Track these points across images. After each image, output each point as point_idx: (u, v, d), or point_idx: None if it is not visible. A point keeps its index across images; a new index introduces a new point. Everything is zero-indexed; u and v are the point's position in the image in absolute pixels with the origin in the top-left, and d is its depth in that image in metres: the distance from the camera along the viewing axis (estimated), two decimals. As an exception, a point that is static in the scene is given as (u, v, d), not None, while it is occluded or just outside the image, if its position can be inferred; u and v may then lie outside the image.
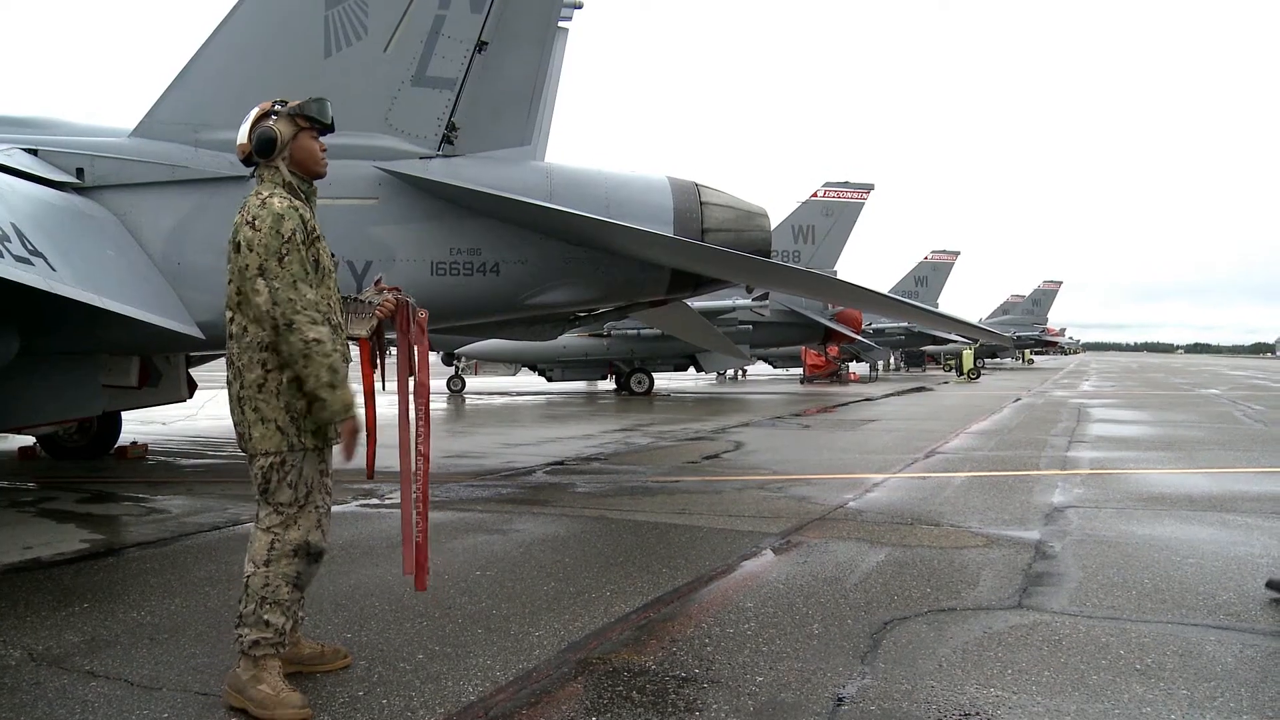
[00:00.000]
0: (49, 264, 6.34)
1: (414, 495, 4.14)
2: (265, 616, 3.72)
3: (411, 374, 4.24)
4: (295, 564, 3.80)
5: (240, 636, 3.73)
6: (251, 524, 3.87)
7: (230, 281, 3.80)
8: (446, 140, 8.39)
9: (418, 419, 4.17)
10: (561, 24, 10.70)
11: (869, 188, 35.26)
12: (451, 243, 8.36)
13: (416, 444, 4.14)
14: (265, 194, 3.83)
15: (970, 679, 4.02)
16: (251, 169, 4.02)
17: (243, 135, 3.95)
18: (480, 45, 8.34)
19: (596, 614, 4.94)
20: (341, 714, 3.63)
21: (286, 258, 3.68)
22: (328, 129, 4.05)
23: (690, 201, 8.87)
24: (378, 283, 4.34)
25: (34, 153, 7.85)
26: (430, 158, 8.32)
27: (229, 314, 3.84)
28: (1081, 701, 3.77)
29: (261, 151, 3.92)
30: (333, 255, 4.09)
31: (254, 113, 3.97)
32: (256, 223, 3.71)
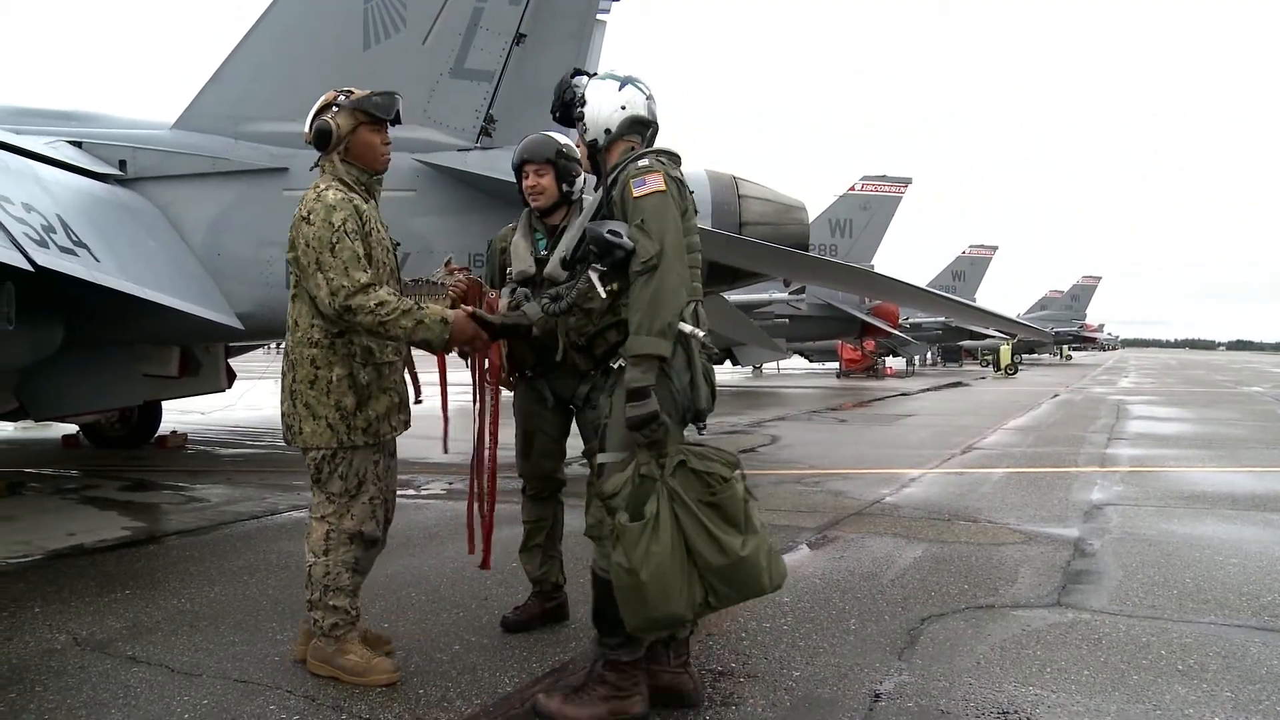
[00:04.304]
0: (93, 255, 6.44)
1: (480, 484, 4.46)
2: (332, 602, 3.86)
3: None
4: (353, 550, 3.92)
5: (316, 620, 3.87)
6: (305, 512, 3.94)
7: (291, 274, 3.89)
8: (485, 132, 8.40)
9: (490, 405, 4.38)
10: (600, 16, 10.69)
11: (907, 181, 35.00)
12: (489, 235, 8.38)
13: (488, 430, 4.41)
14: (322, 187, 3.88)
15: (1009, 677, 3.98)
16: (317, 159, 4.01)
17: (306, 125, 3.96)
18: (519, 37, 8.34)
19: (632, 607, 4.92)
20: (378, 703, 3.65)
21: (337, 246, 3.69)
22: (391, 123, 4.03)
23: (728, 195, 8.84)
24: (447, 263, 4.32)
25: (78, 145, 7.98)
26: (468, 150, 8.34)
27: (289, 305, 3.92)
28: (1122, 702, 3.73)
29: (318, 144, 3.92)
30: (397, 245, 4.19)
31: (318, 103, 3.95)
32: (311, 217, 3.76)
